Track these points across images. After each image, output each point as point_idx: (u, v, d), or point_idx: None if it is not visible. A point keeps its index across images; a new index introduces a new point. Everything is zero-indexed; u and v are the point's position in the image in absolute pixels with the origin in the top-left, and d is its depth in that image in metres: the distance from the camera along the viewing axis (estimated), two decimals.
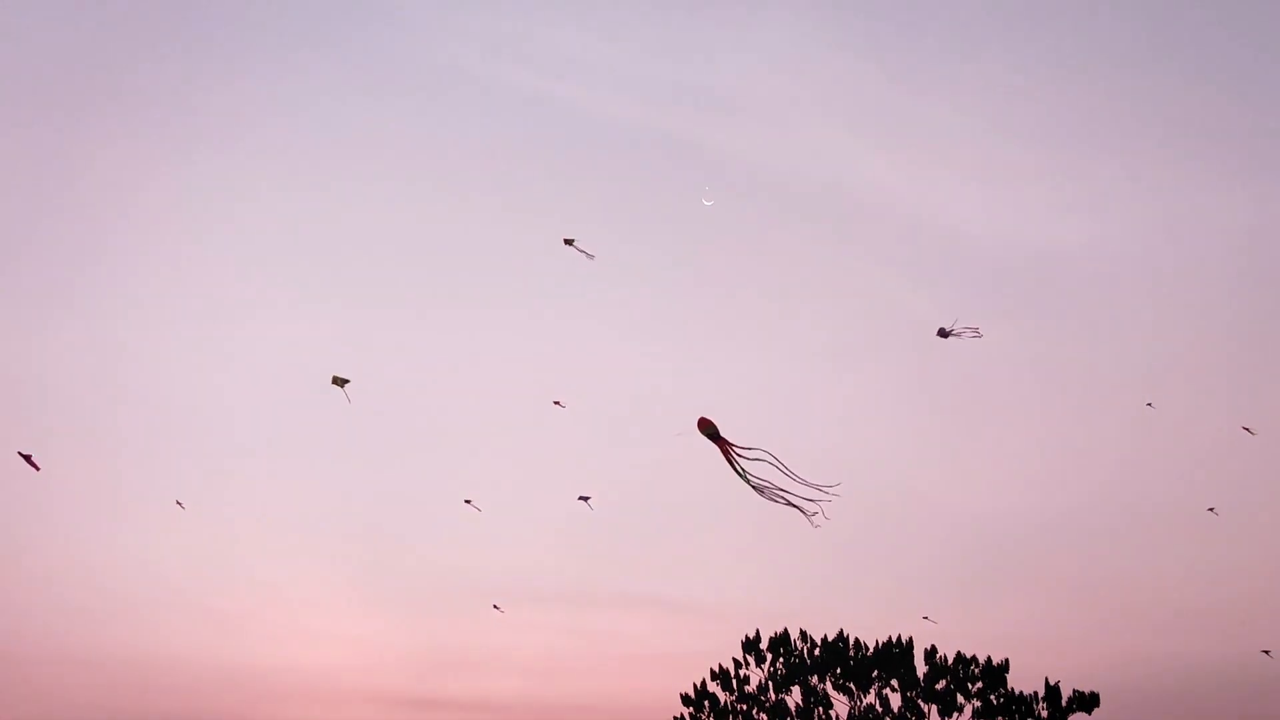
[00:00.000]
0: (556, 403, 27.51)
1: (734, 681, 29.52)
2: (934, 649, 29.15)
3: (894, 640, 29.25)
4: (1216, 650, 39.42)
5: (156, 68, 46.11)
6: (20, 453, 21.07)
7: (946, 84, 48.53)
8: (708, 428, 16.29)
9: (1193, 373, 45.33)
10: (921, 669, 29.00)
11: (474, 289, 47.34)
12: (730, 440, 16.29)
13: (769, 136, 48.13)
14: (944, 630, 29.69)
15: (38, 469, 21.14)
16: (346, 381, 19.88)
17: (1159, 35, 47.40)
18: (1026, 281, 48.97)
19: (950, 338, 20.36)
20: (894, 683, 28.84)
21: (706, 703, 29.46)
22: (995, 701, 28.55)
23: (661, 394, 45.13)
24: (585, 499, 25.54)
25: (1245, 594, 40.52)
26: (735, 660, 29.82)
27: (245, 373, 45.04)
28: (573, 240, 20.81)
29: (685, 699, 29.67)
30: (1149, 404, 32.45)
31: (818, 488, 15.73)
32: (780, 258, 47.86)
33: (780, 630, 29.88)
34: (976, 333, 20.26)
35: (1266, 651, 30.05)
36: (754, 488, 16.06)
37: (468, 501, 28.10)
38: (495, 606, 32.71)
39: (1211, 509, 30.80)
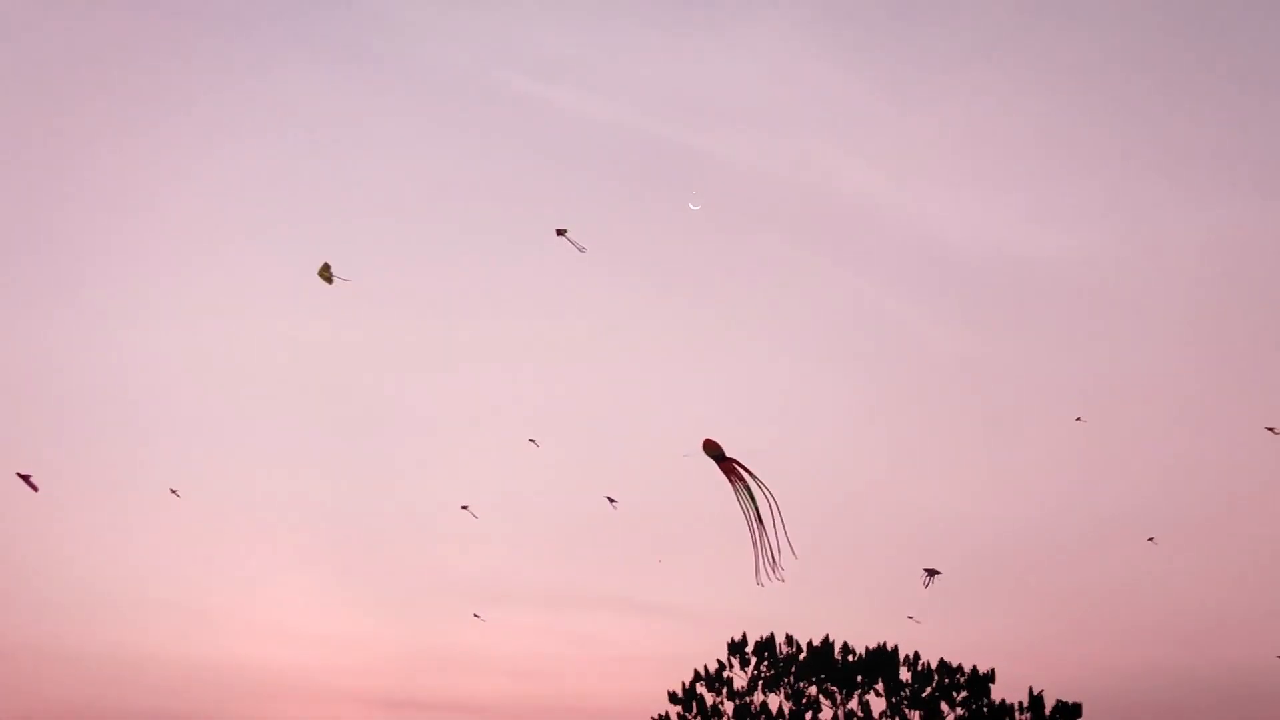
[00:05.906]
0: (531, 440, 27.87)
1: (718, 684, 29.54)
2: (916, 656, 29.22)
3: (881, 646, 29.33)
4: (1199, 660, 39.63)
5: (155, 70, 46.03)
6: (19, 474, 20.90)
7: (933, 95, 48.81)
8: (713, 449, 16.35)
9: (1175, 381, 45.61)
10: (905, 676, 29.02)
11: (464, 293, 47.25)
12: (737, 460, 16.32)
13: (757, 142, 48.29)
14: (928, 638, 29.70)
15: (36, 489, 20.96)
16: (330, 275, 19.62)
17: (1137, 54, 47.73)
18: (1010, 290, 49.21)
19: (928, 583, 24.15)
20: (879, 688, 28.87)
21: (694, 703, 29.46)
22: (980, 710, 28.58)
23: (647, 395, 45.29)
24: (611, 500, 25.77)
25: (1227, 604, 40.74)
26: (720, 662, 29.84)
27: (231, 372, 44.86)
28: (565, 231, 20.29)
29: (673, 697, 29.68)
30: (1078, 419, 31.77)
31: (777, 555, 16.25)
32: (765, 262, 48.00)
33: (766, 635, 29.96)
34: (938, 574, 24.13)
35: None
36: (754, 513, 16.30)
37: (464, 508, 28.14)
38: (475, 615, 32.75)
39: (1151, 539, 30.61)
